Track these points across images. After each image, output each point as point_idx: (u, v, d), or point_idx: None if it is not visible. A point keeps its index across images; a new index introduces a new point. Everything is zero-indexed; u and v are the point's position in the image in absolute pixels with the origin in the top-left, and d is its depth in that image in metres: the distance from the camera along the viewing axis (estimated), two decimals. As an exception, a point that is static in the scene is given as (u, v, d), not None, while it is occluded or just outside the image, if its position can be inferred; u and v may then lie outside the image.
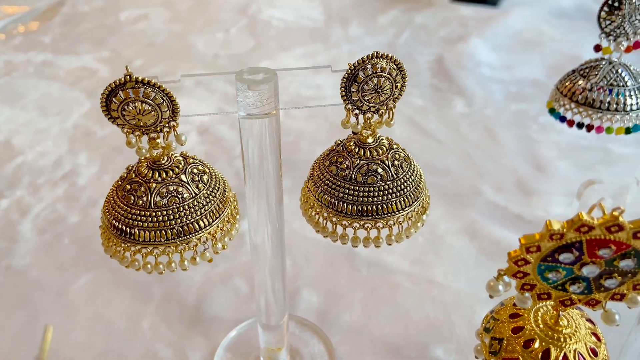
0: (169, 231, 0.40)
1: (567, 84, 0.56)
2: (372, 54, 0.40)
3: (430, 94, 1.11)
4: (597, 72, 0.55)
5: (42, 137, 0.97)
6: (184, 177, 0.41)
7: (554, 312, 0.36)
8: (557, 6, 1.49)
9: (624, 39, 0.54)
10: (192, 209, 0.41)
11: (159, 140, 0.40)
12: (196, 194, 0.41)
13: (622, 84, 0.54)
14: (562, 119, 0.57)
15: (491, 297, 0.34)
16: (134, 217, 0.40)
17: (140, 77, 0.37)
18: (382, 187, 0.42)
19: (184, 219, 0.40)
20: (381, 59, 0.40)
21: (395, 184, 0.43)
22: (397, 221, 0.43)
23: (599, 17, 0.54)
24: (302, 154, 0.94)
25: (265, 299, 0.52)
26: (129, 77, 0.37)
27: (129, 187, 0.41)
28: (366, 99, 0.41)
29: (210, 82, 1.15)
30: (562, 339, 0.35)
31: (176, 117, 0.40)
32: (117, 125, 0.39)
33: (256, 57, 1.27)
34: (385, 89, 0.41)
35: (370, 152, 0.43)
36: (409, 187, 0.43)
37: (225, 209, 0.43)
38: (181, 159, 0.42)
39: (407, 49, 1.29)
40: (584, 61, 0.57)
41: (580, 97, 0.55)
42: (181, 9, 1.52)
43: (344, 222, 0.43)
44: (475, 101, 1.08)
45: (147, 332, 0.63)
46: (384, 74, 0.40)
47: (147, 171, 0.41)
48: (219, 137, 0.98)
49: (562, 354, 0.34)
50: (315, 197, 0.44)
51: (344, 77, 0.40)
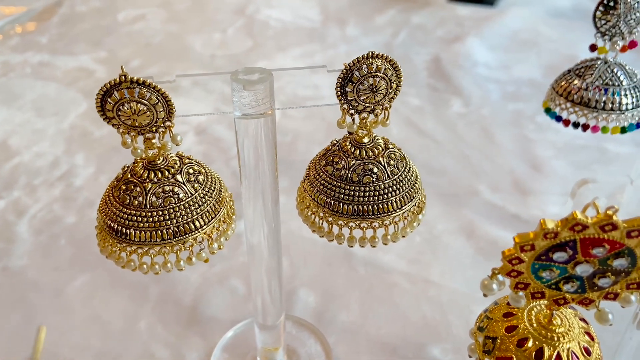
0: (165, 231, 0.40)
1: (562, 84, 0.56)
2: (367, 54, 0.40)
3: (427, 93, 1.11)
4: (592, 72, 0.55)
5: (39, 138, 0.97)
6: (179, 177, 0.41)
7: (548, 311, 0.36)
8: (554, 6, 1.49)
9: (619, 38, 0.54)
10: (188, 209, 0.41)
11: (154, 140, 0.40)
12: (192, 194, 0.41)
13: (617, 84, 0.54)
14: (558, 119, 0.57)
15: (485, 295, 0.34)
16: (130, 217, 0.40)
17: (135, 78, 0.37)
18: (378, 187, 0.42)
19: (180, 219, 0.40)
20: (376, 59, 0.40)
21: (391, 184, 0.43)
22: (393, 221, 0.43)
23: (595, 16, 0.54)
24: (299, 154, 0.94)
25: (261, 299, 0.52)
26: (124, 77, 0.37)
27: (124, 187, 0.41)
28: (362, 98, 0.41)
29: (207, 83, 1.15)
30: (555, 338, 0.35)
31: (172, 118, 0.40)
32: (113, 125, 0.39)
33: (253, 58, 1.27)
34: (380, 89, 0.41)
35: (366, 152, 0.43)
36: (404, 187, 0.43)
37: (221, 209, 0.43)
38: (177, 159, 0.42)
39: (404, 49, 1.29)
40: (580, 61, 0.57)
41: (575, 96, 0.55)
42: (178, 10, 1.52)
43: (340, 222, 0.43)
44: (472, 101, 1.08)
45: (144, 332, 0.63)
46: (379, 74, 0.40)
47: (142, 171, 0.41)
48: (217, 138, 0.98)
49: (555, 353, 0.34)
50: (311, 197, 0.44)
51: (340, 77, 0.40)
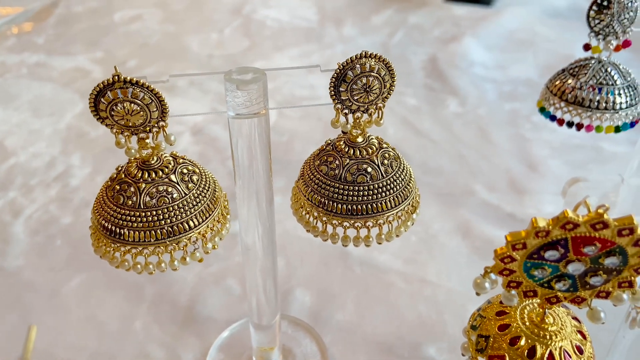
0: (159, 231, 0.40)
1: (557, 83, 0.56)
2: (361, 54, 0.40)
3: (423, 93, 1.12)
4: (586, 71, 0.55)
5: (35, 138, 0.97)
6: (173, 177, 0.41)
7: (540, 310, 0.36)
8: (550, 6, 1.49)
9: (613, 37, 0.54)
10: (182, 209, 0.41)
11: (148, 140, 0.40)
12: (186, 194, 0.41)
13: (611, 83, 0.54)
14: (552, 118, 0.57)
15: (478, 294, 0.34)
16: (124, 217, 0.40)
17: (128, 78, 0.37)
18: (372, 186, 0.42)
19: (174, 219, 0.40)
20: (370, 59, 0.40)
21: (384, 183, 0.43)
22: (387, 220, 0.43)
23: (588, 16, 0.54)
24: (295, 153, 0.94)
25: (256, 299, 0.52)
26: (117, 77, 0.37)
27: (118, 187, 0.41)
28: (355, 98, 0.41)
29: (203, 83, 1.15)
30: (547, 337, 0.35)
31: (165, 117, 0.40)
32: (106, 125, 0.39)
33: (250, 58, 1.27)
34: (374, 89, 0.41)
35: (359, 152, 0.43)
36: (398, 186, 0.43)
37: (215, 208, 0.43)
38: (171, 159, 0.42)
39: (400, 48, 1.29)
40: (574, 60, 0.58)
41: (569, 96, 0.55)
42: (175, 10, 1.52)
43: (334, 222, 0.43)
44: (468, 101, 1.08)
45: (139, 332, 0.63)
46: (372, 74, 0.40)
47: (136, 171, 0.41)
48: (213, 138, 0.98)
49: (547, 352, 0.35)
50: (305, 196, 0.44)
51: (333, 77, 0.41)
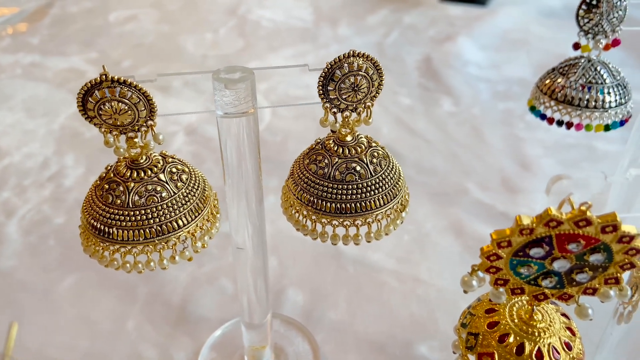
0: (148, 230, 0.40)
1: (547, 82, 0.57)
2: (348, 53, 0.40)
3: (418, 93, 1.12)
4: (576, 70, 0.55)
5: (29, 139, 0.97)
6: (162, 176, 0.41)
7: (529, 307, 0.36)
8: (545, 6, 1.50)
9: (602, 36, 0.54)
10: (171, 208, 0.41)
11: (136, 139, 0.40)
12: (175, 193, 0.41)
13: (600, 82, 0.54)
14: (543, 117, 0.57)
15: (465, 292, 0.34)
16: (112, 216, 0.40)
17: (116, 77, 0.37)
18: (361, 185, 0.42)
19: (163, 218, 0.40)
20: (357, 58, 0.40)
21: (373, 182, 0.43)
22: (375, 219, 0.43)
23: (577, 15, 0.54)
24: (289, 153, 0.94)
25: (247, 298, 0.52)
26: (104, 76, 0.37)
27: (107, 186, 0.41)
28: (343, 97, 0.41)
29: (198, 83, 1.15)
30: (536, 334, 0.35)
31: (154, 117, 0.40)
32: (95, 124, 0.39)
33: (245, 58, 1.27)
34: (362, 88, 0.41)
35: (348, 150, 0.43)
36: (387, 185, 0.43)
37: (204, 207, 0.43)
38: (160, 158, 0.42)
39: (395, 48, 1.29)
40: (564, 59, 0.58)
41: (559, 94, 0.55)
42: (170, 10, 1.52)
43: (323, 220, 0.43)
44: (462, 100, 1.08)
45: (132, 332, 0.63)
46: (360, 73, 0.40)
47: (125, 170, 0.41)
48: (207, 138, 0.98)
49: (536, 348, 0.35)
50: (295, 195, 0.44)
51: (321, 76, 0.41)
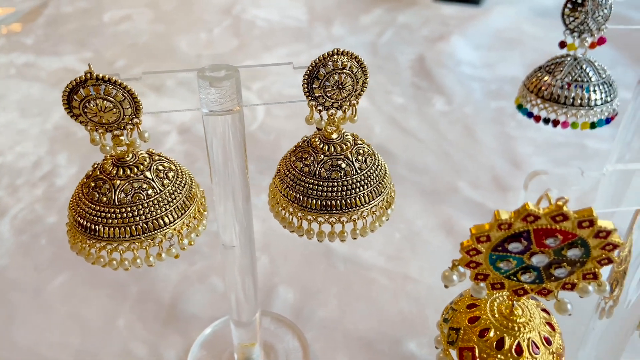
0: (134, 227, 0.40)
1: (533, 80, 0.57)
2: (333, 51, 0.40)
3: (410, 92, 1.12)
4: (562, 68, 0.55)
5: (22, 138, 0.97)
6: (148, 173, 0.42)
7: (509, 302, 0.37)
8: (538, 5, 1.50)
9: (588, 35, 0.55)
10: (157, 206, 0.41)
11: (122, 137, 0.41)
12: (161, 191, 0.41)
13: (586, 80, 0.55)
14: (530, 115, 0.57)
15: (446, 287, 0.34)
16: (99, 213, 0.40)
17: (100, 75, 0.37)
18: (346, 182, 0.43)
19: (149, 215, 0.41)
20: (342, 56, 0.40)
21: (358, 179, 0.43)
22: (361, 215, 0.44)
23: (563, 13, 0.54)
24: (282, 152, 0.93)
25: (235, 296, 0.53)
26: (89, 74, 0.37)
27: (93, 184, 0.41)
28: (328, 95, 0.42)
29: (192, 82, 1.15)
30: (516, 328, 0.36)
31: (139, 115, 0.40)
32: (81, 122, 0.40)
33: (239, 57, 1.28)
34: (346, 86, 0.41)
35: (334, 148, 0.44)
36: (372, 182, 0.44)
37: (191, 205, 0.43)
38: (147, 156, 0.43)
39: (389, 48, 1.30)
40: (550, 57, 0.58)
41: (545, 92, 0.55)
42: (165, 10, 1.52)
43: (309, 217, 0.44)
44: (455, 99, 1.09)
45: (122, 330, 0.63)
46: (344, 71, 0.41)
47: (111, 168, 0.41)
48: (200, 137, 0.98)
49: (515, 343, 0.35)
50: (281, 192, 0.45)
51: (306, 74, 0.41)
